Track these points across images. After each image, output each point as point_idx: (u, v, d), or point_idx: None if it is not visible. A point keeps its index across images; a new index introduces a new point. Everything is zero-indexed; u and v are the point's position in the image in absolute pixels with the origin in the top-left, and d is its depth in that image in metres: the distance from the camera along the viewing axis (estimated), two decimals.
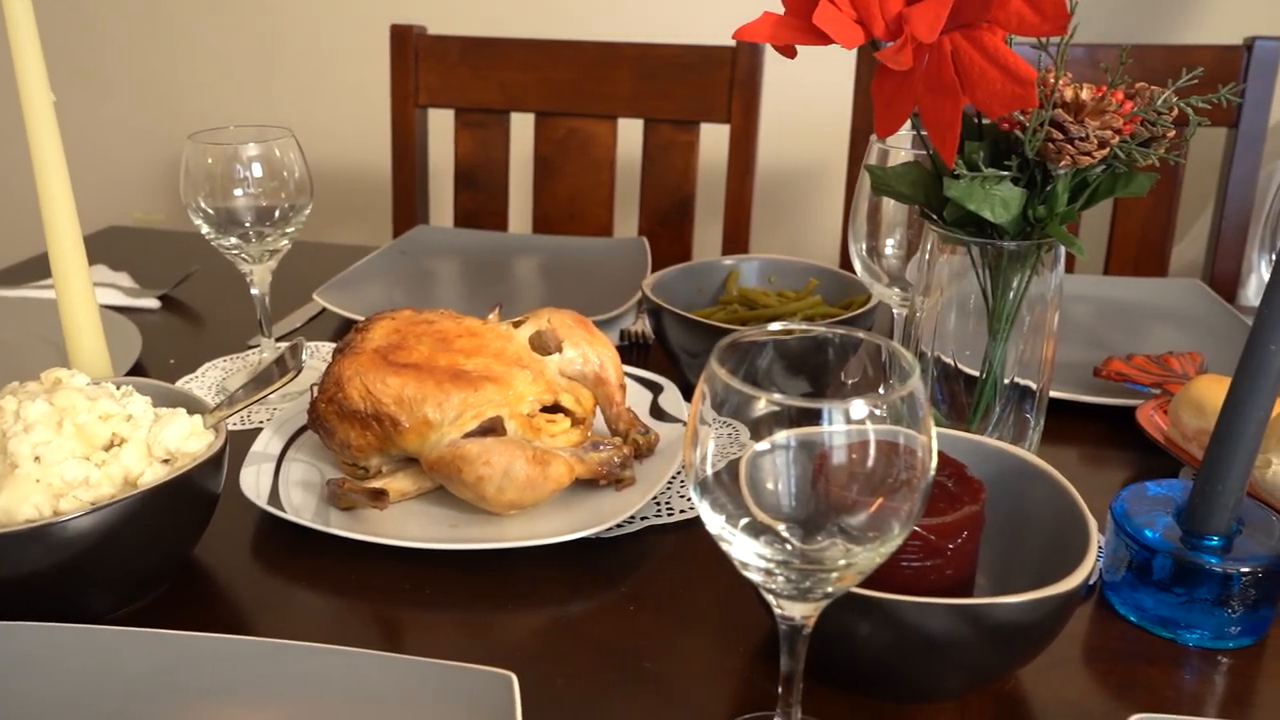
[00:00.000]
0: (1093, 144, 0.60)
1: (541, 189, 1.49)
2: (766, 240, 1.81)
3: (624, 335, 1.06)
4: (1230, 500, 0.63)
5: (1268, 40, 1.30)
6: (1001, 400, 0.73)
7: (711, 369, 0.45)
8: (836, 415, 0.43)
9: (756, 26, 0.62)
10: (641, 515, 0.75)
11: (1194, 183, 1.47)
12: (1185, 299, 1.17)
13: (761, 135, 1.46)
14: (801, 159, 1.77)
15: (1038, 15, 0.58)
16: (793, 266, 1.04)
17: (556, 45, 1.45)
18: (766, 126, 1.52)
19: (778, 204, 1.84)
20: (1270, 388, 0.61)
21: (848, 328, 0.48)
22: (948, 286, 0.73)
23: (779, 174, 1.81)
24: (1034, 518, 0.63)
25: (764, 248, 1.76)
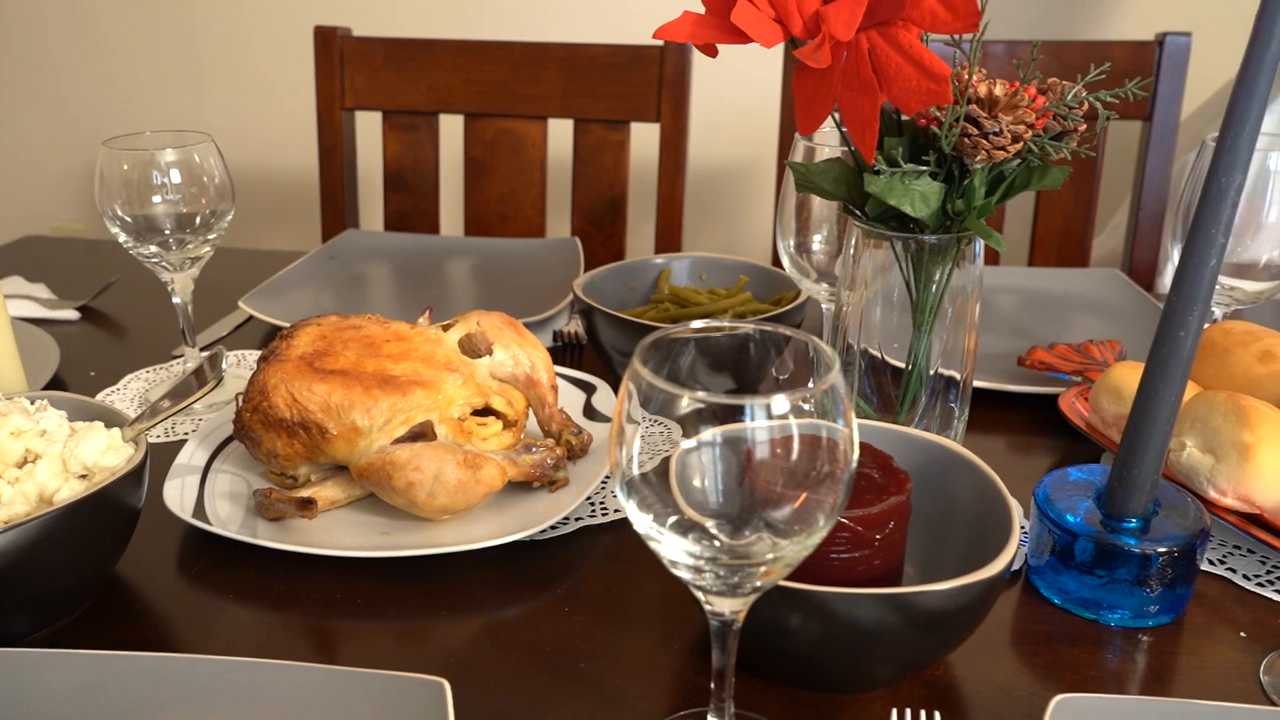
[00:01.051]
0: (1006, 138, 0.62)
1: (472, 190, 1.48)
2: (700, 238, 1.82)
3: (557, 336, 1.06)
4: (1147, 483, 0.65)
5: (1178, 36, 1.34)
6: (927, 391, 0.74)
7: (634, 368, 0.45)
8: (758, 411, 0.43)
9: (677, 26, 0.62)
10: (576, 516, 0.75)
11: (1112, 175, 1.51)
12: (1105, 288, 1.20)
13: (692, 134, 1.47)
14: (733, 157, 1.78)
15: (950, 13, 0.59)
16: (723, 264, 1.04)
17: (484, 46, 1.44)
18: (697, 125, 1.53)
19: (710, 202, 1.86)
20: (1181, 373, 0.62)
21: (770, 324, 0.48)
22: (872, 281, 0.74)
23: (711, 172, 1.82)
24: (959, 506, 0.65)
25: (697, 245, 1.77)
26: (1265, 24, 0.56)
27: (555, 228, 1.57)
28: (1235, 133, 0.57)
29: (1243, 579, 0.70)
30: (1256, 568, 0.71)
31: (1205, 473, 0.71)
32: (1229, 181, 0.58)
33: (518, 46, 1.44)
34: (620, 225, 1.44)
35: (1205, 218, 0.59)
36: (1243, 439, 0.70)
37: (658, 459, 0.47)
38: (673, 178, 1.41)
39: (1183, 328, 0.61)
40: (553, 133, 1.46)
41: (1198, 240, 0.60)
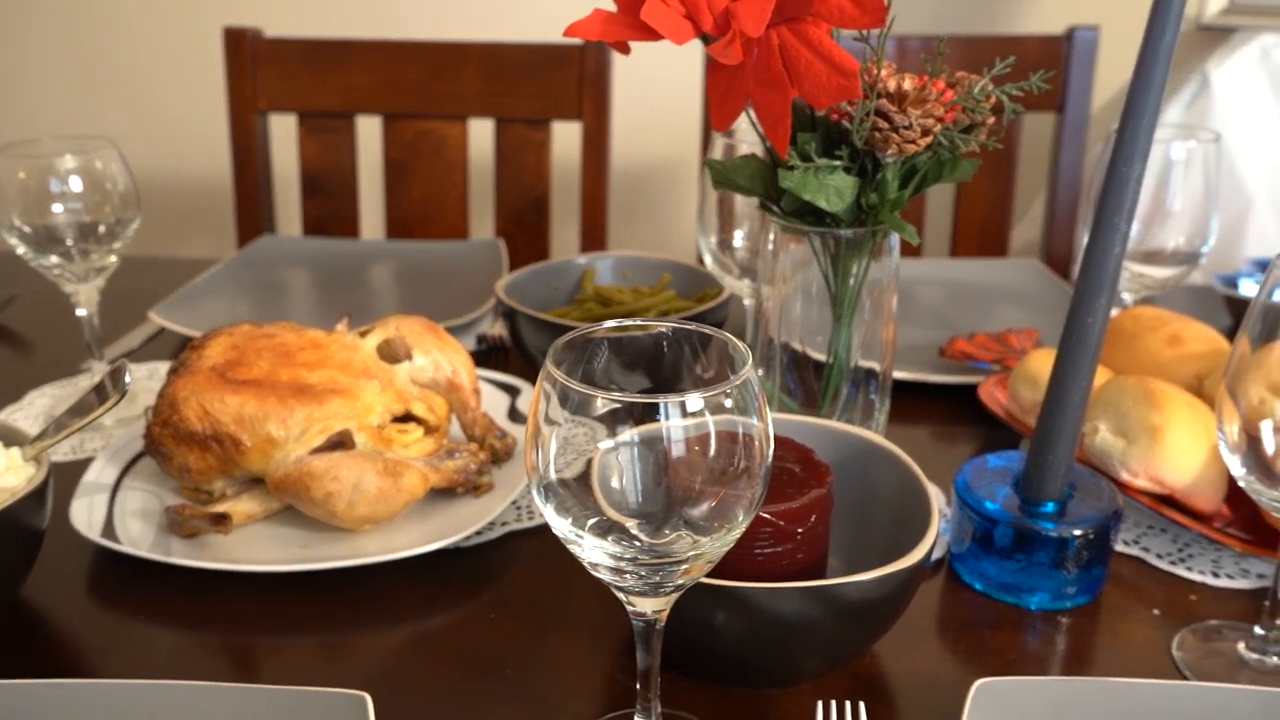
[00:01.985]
0: (916, 132, 0.63)
1: (393, 193, 1.46)
2: (626, 236, 1.82)
3: (481, 339, 1.05)
4: (1061, 467, 0.67)
5: (1086, 30, 1.37)
6: (849, 384, 0.75)
7: (547, 369, 0.45)
8: (673, 409, 0.43)
9: (587, 23, 0.62)
10: (501, 520, 0.75)
11: (1029, 167, 1.55)
12: (1023, 278, 1.23)
13: (615, 132, 1.47)
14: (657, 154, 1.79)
15: (857, 9, 0.60)
16: (647, 262, 1.05)
17: (401, 46, 1.42)
18: (621, 123, 1.53)
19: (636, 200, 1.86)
20: (1090, 359, 0.64)
21: (684, 322, 0.48)
22: (792, 276, 0.75)
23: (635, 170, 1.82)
24: (881, 496, 0.66)
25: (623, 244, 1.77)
26: (1159, 19, 0.58)
27: (478, 229, 1.56)
28: (1134, 124, 0.59)
29: (1156, 558, 0.72)
30: (1169, 546, 0.73)
31: (1118, 455, 0.74)
32: (1129, 171, 0.60)
33: (435, 46, 1.42)
34: (544, 225, 1.44)
35: (1108, 206, 0.61)
36: (1152, 421, 0.72)
37: (583, 460, 0.47)
38: (596, 176, 1.41)
39: (1090, 314, 0.63)
40: (474, 133, 1.45)
41: (1102, 229, 0.62)
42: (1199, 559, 0.72)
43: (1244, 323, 0.58)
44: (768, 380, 0.77)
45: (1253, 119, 1.36)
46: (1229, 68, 1.36)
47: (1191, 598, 0.69)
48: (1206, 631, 0.65)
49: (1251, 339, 0.57)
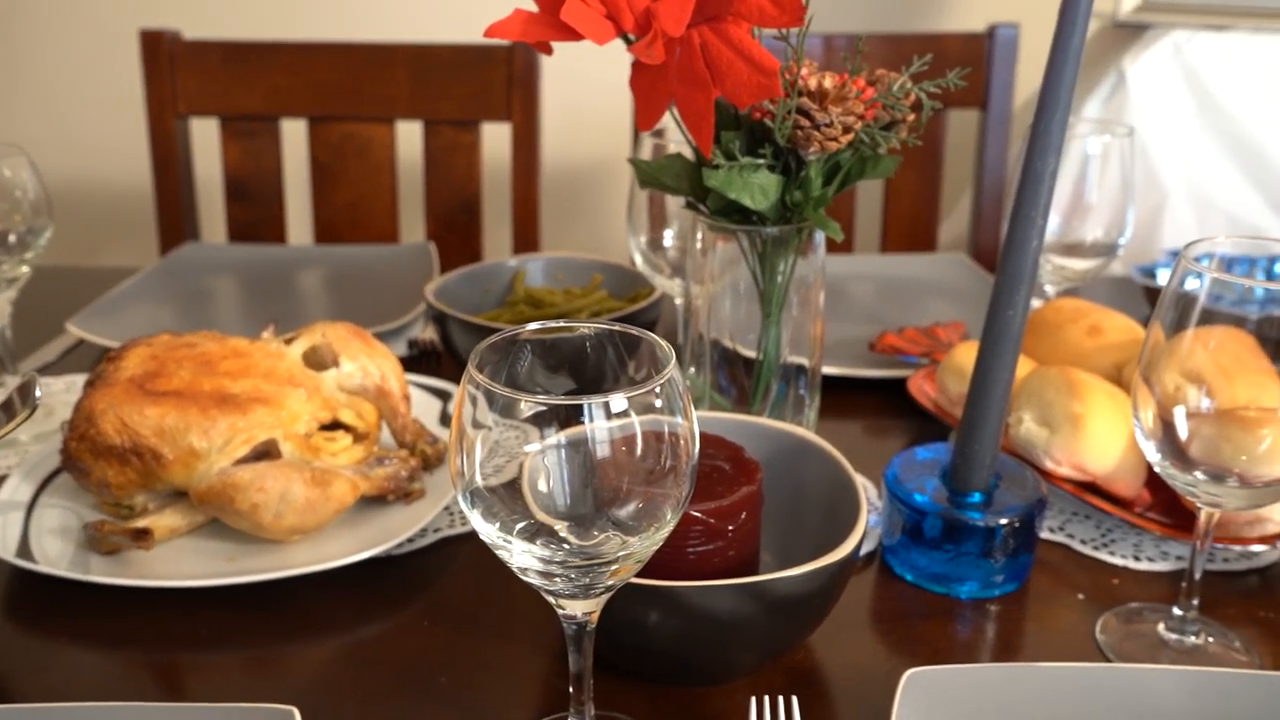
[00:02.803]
0: (838, 130, 0.64)
1: (320, 197, 1.44)
2: (560, 237, 1.82)
3: (412, 344, 1.05)
4: (987, 458, 0.69)
5: (1007, 27, 1.40)
6: (779, 380, 0.76)
7: (470, 373, 0.44)
8: (597, 411, 0.43)
9: (508, 24, 0.62)
10: (434, 527, 0.74)
11: (955, 163, 1.58)
12: (951, 272, 1.25)
13: (547, 131, 1.47)
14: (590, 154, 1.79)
15: (776, 8, 0.60)
16: (578, 263, 1.05)
17: (325, 48, 1.40)
18: (552, 123, 1.53)
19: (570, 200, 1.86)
20: (1011, 350, 0.66)
21: (607, 323, 0.48)
22: (720, 274, 0.75)
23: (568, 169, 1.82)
24: (811, 492, 0.67)
25: (557, 245, 1.76)
26: (1068, 19, 0.59)
27: (409, 232, 1.55)
28: (1047, 119, 0.61)
29: (1080, 544, 0.74)
30: (1092, 532, 0.75)
31: (1041, 444, 0.75)
32: (1044, 166, 0.62)
33: (361, 48, 1.41)
34: (476, 227, 1.43)
35: (1024, 201, 0.63)
36: (1074, 410, 0.74)
37: (509, 463, 0.47)
38: (527, 177, 1.41)
39: (1011, 307, 0.65)
40: (402, 135, 1.43)
41: (1019, 223, 0.63)
42: (1121, 543, 0.74)
43: (1156, 312, 0.60)
44: (699, 378, 0.77)
45: (1167, 113, 1.40)
46: (1144, 64, 1.40)
47: (1114, 581, 0.70)
48: (1128, 614, 0.67)
49: (1165, 327, 0.59)
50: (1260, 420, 0.59)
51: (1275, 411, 0.59)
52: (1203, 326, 0.58)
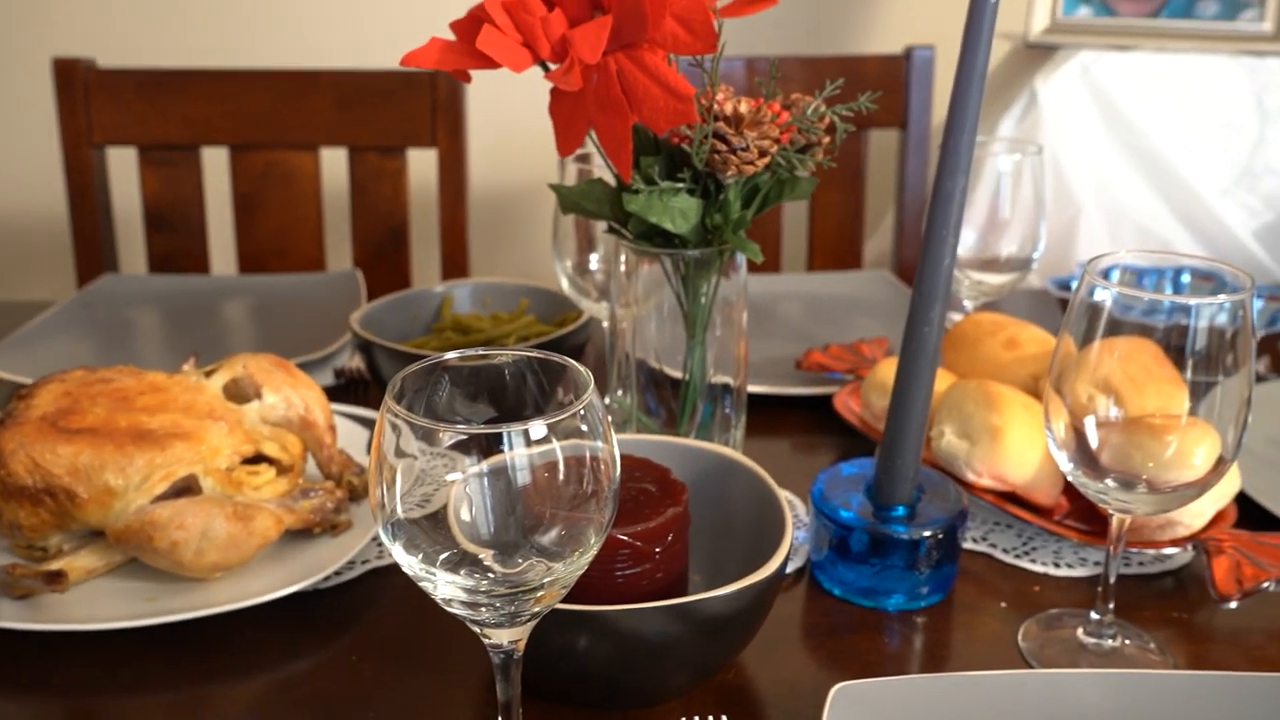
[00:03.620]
0: (754, 154, 0.65)
1: (244, 226, 1.42)
2: (489, 262, 1.81)
3: (339, 373, 1.03)
4: (909, 471, 0.70)
5: (923, 49, 1.44)
6: (706, 401, 0.77)
7: (387, 404, 0.44)
8: (517, 438, 0.44)
9: (423, 53, 0.62)
10: (361, 559, 0.73)
11: (878, 182, 1.61)
12: (875, 289, 1.28)
13: (473, 157, 1.46)
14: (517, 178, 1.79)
15: (690, 35, 0.61)
16: (506, 288, 1.05)
17: (245, 75, 1.39)
18: (478, 148, 1.53)
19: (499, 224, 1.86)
20: (929, 364, 0.67)
21: (526, 349, 0.49)
22: (645, 297, 0.76)
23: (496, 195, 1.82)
24: (738, 511, 0.67)
25: (487, 270, 1.76)
26: (971, 44, 0.61)
27: (335, 260, 1.53)
28: (954, 140, 0.63)
29: (1002, 553, 0.76)
30: (1014, 541, 0.77)
31: (962, 456, 0.77)
32: (953, 185, 0.63)
33: (282, 74, 1.39)
34: (404, 254, 1.42)
35: (936, 220, 0.64)
36: (992, 422, 0.76)
37: (430, 494, 0.47)
38: (454, 203, 1.40)
39: (926, 323, 0.66)
40: (326, 162, 1.42)
41: (932, 241, 0.65)
42: (1042, 551, 0.76)
43: (1065, 323, 0.61)
44: (627, 401, 0.78)
45: (1078, 130, 1.45)
46: (1054, 83, 1.45)
47: (1036, 589, 0.72)
48: (1049, 620, 0.68)
49: (1075, 338, 0.61)
50: (1167, 427, 0.61)
51: (1180, 418, 0.61)
52: (1111, 337, 0.60)
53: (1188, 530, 0.72)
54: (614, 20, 0.61)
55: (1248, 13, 1.45)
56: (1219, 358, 0.58)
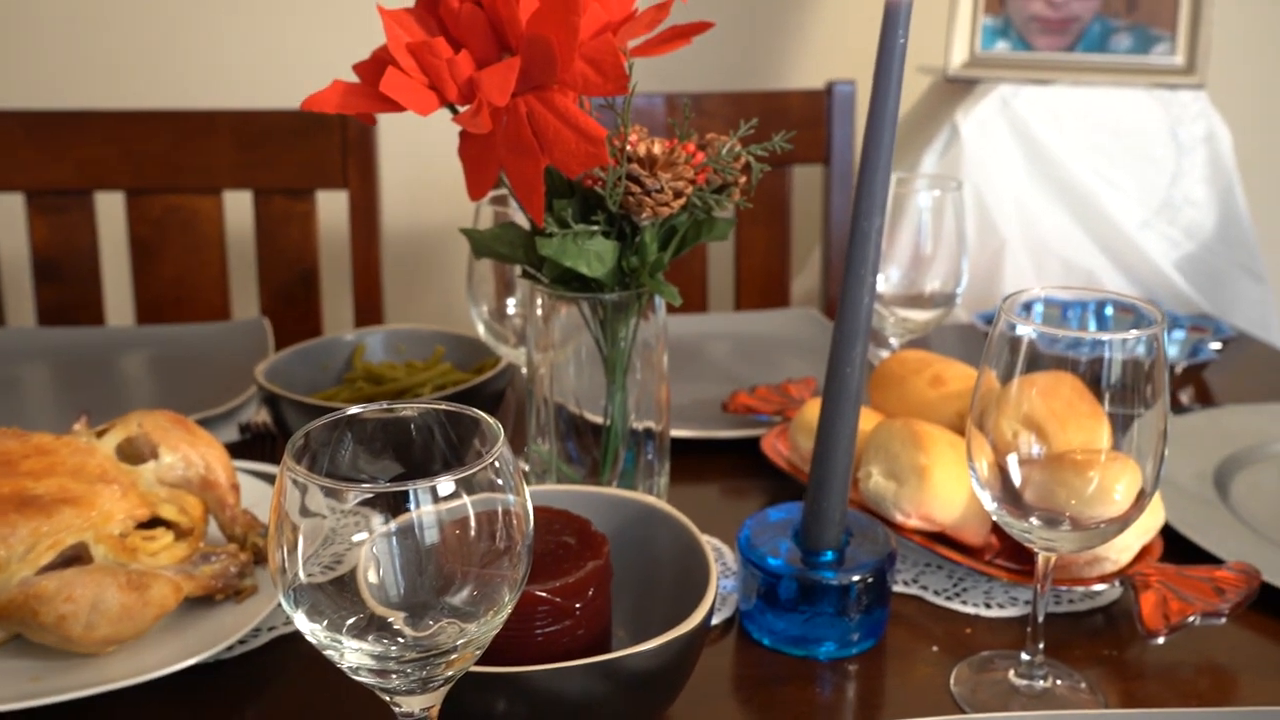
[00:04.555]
0: (669, 195, 0.66)
1: (142, 274, 1.40)
2: (405, 308, 1.80)
3: (245, 428, 1.02)
4: (836, 514, 0.71)
5: (844, 84, 1.48)
6: (629, 447, 0.77)
7: (286, 463, 0.44)
8: (424, 495, 0.44)
9: (325, 96, 0.62)
10: (268, 625, 0.72)
11: (804, 218, 1.65)
12: (803, 327, 1.30)
13: (387, 198, 1.46)
14: (433, 220, 1.79)
15: (600, 76, 0.62)
16: (420, 335, 1.04)
17: (142, 116, 1.37)
18: (391, 189, 1.52)
19: (413, 269, 1.85)
20: (852, 405, 0.69)
21: (432, 402, 0.49)
22: (563, 342, 0.76)
23: (411, 237, 1.81)
24: (662, 561, 0.68)
25: (403, 316, 1.75)
26: (882, 83, 0.63)
27: (241, 309, 1.51)
28: (869, 180, 0.65)
29: (934, 595, 0.77)
30: (944, 582, 0.79)
31: (890, 497, 0.79)
32: (870, 225, 0.65)
33: (182, 115, 1.38)
34: (314, 301, 1.41)
35: (854, 260, 0.66)
36: (919, 462, 0.78)
37: (334, 556, 0.46)
38: (367, 246, 1.40)
39: (848, 364, 0.68)
40: (230, 206, 1.41)
41: (851, 281, 0.66)
42: (973, 591, 0.78)
43: (985, 358, 0.63)
44: (547, 450, 0.78)
45: (999, 163, 1.50)
46: (974, 117, 1.50)
47: (968, 631, 0.74)
48: (980, 663, 0.70)
49: (999, 373, 0.63)
50: (1089, 462, 0.63)
51: (1101, 453, 0.63)
52: (1032, 372, 0.62)
53: (1115, 566, 0.74)
54: (522, 62, 0.62)
55: (1160, 46, 1.53)
56: (1135, 392, 0.60)
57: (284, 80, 1.71)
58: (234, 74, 1.75)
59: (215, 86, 1.74)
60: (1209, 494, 0.89)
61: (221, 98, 1.66)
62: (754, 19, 1.85)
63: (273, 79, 1.73)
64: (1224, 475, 0.93)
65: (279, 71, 1.73)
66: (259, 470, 0.88)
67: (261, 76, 1.74)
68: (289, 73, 1.72)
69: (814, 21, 1.87)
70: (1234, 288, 1.54)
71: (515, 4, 0.62)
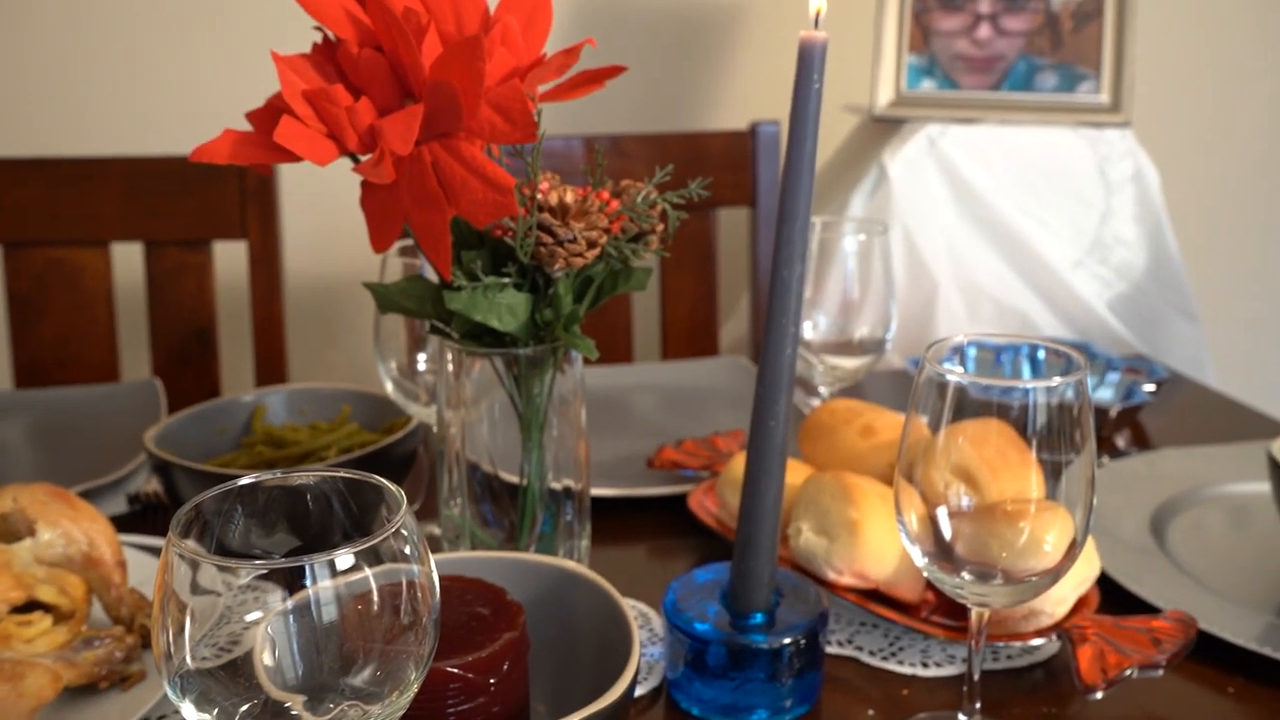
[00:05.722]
0: (582, 245, 0.67)
1: (21, 333, 1.37)
2: (310, 366, 1.78)
3: (134, 499, 1.00)
4: (765, 574, 0.72)
5: (769, 125, 1.52)
6: (547, 508, 0.77)
7: (172, 539, 0.43)
8: (321, 569, 0.43)
9: (215, 147, 0.62)
10: (158, 714, 0.70)
11: (731, 262, 1.67)
12: (732, 376, 1.32)
13: (289, 249, 1.45)
14: (339, 271, 1.78)
15: (508, 123, 0.64)
16: (324, 394, 1.04)
17: (20, 164, 1.35)
18: (294, 239, 1.52)
19: (319, 324, 1.83)
20: (778, 461, 0.70)
21: (331, 469, 0.49)
22: (476, 398, 0.76)
23: (316, 290, 1.80)
24: (583, 629, 0.68)
25: (308, 374, 1.73)
26: (798, 125, 0.65)
27: (131, 369, 1.48)
28: (788, 228, 0.66)
29: (869, 656, 0.78)
30: (880, 642, 0.80)
31: (822, 554, 0.80)
32: (790, 273, 0.67)
33: (66, 163, 1.36)
34: (211, 360, 1.39)
35: (775, 310, 0.67)
36: (850, 516, 0.79)
37: (226, 638, 0.46)
38: (269, 300, 1.38)
39: (772, 417, 0.69)
40: (119, 259, 1.39)
41: (773, 332, 0.68)
42: (909, 650, 0.79)
43: (913, 406, 0.65)
44: (460, 514, 0.78)
45: (929, 204, 1.55)
46: (902, 157, 1.55)
47: (904, 692, 0.75)
48: None
49: (930, 422, 0.64)
50: (1020, 513, 0.65)
51: (1032, 504, 0.65)
52: (961, 420, 0.64)
53: (1051, 619, 0.76)
54: (426, 109, 0.63)
55: (1085, 84, 1.59)
56: (1063, 439, 0.62)
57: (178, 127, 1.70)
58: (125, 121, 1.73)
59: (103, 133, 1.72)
60: (1146, 541, 0.92)
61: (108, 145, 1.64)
62: (678, 59, 1.89)
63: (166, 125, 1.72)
64: (1161, 520, 0.96)
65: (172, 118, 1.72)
66: (149, 544, 0.86)
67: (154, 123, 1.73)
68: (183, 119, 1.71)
69: (738, 61, 1.91)
70: (1168, 328, 1.60)
71: (418, 49, 0.63)
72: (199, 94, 1.74)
